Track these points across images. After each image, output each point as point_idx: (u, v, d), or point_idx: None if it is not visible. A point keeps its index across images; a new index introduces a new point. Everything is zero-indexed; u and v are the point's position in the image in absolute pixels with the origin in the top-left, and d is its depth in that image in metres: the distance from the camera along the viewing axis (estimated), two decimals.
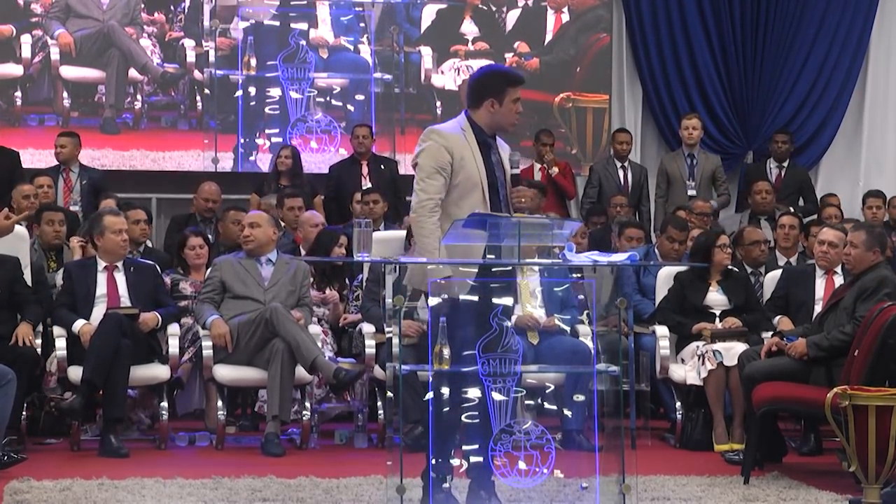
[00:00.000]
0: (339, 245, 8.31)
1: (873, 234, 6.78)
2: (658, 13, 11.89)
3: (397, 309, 5.22)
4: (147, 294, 7.48)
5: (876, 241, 6.72)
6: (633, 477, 5.24)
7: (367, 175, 10.40)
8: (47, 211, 8.51)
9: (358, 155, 10.59)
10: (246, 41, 11.34)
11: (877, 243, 6.71)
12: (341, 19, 11.58)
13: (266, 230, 7.71)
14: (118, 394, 7.06)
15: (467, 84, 5.57)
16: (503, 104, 5.36)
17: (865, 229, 6.86)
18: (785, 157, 11.15)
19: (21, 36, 11.19)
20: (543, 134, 10.98)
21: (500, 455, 5.26)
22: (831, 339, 6.58)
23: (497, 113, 5.38)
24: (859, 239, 6.72)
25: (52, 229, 8.35)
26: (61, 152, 10.04)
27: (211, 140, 11.30)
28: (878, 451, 5.49)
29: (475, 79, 5.49)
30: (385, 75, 11.55)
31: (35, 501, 5.62)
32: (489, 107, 5.38)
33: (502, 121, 5.40)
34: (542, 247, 5.70)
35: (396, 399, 5.42)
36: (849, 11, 12.03)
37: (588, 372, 6.72)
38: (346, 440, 7.67)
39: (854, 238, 6.75)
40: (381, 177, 10.41)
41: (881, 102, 12.18)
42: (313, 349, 7.20)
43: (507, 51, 11.80)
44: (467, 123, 5.42)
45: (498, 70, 5.85)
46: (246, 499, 5.76)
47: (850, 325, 6.53)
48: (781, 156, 11.13)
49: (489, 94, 5.37)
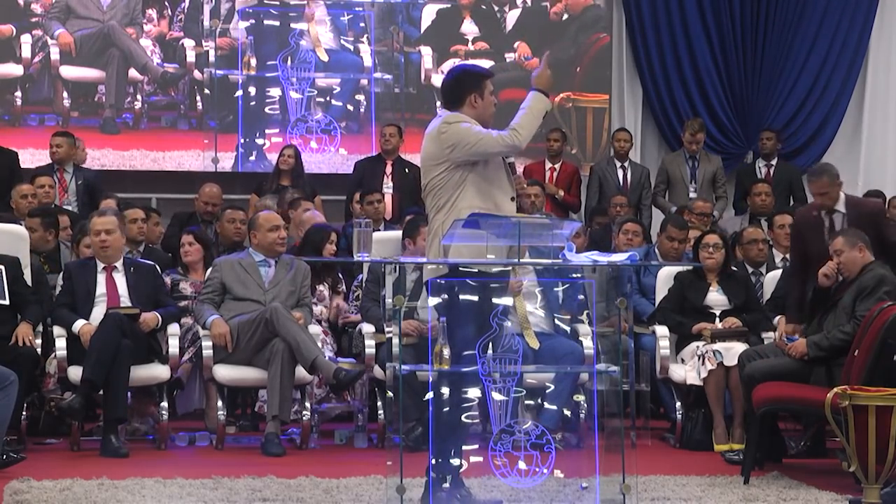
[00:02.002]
0: (331, 242, 8.30)
1: (848, 233, 6.77)
2: (658, 13, 11.90)
3: (397, 309, 5.23)
4: (147, 294, 7.48)
5: (854, 238, 6.70)
6: (633, 477, 5.24)
7: (391, 175, 10.35)
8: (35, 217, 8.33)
9: (384, 154, 10.57)
10: (246, 41, 11.35)
11: (857, 239, 6.69)
12: (341, 19, 11.59)
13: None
14: (118, 394, 7.05)
15: (443, 86, 5.65)
16: (484, 97, 5.49)
17: (840, 234, 6.85)
18: (773, 155, 11.14)
19: (21, 36, 11.20)
20: (554, 131, 11.01)
21: (500, 455, 5.27)
22: (831, 339, 6.58)
23: (480, 106, 5.48)
24: (840, 244, 6.73)
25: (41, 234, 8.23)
26: (57, 152, 9.95)
27: (211, 140, 11.31)
28: (878, 451, 5.49)
29: (452, 78, 5.59)
30: (385, 75, 11.56)
31: (35, 501, 5.62)
32: (472, 102, 5.48)
33: (485, 113, 5.50)
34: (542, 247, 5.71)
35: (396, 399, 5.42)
36: (849, 11, 12.04)
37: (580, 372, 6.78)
38: (346, 440, 7.67)
39: (835, 246, 6.75)
40: (403, 179, 10.36)
41: (881, 102, 12.19)
42: (313, 349, 7.20)
43: (508, 51, 11.80)
44: None
45: (470, 67, 5.92)
46: (246, 499, 5.76)
47: (849, 325, 6.53)
48: (769, 153, 11.13)
49: (470, 90, 5.48)
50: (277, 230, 7.72)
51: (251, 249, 7.77)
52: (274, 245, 7.70)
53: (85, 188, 9.92)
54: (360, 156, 10.96)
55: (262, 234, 7.73)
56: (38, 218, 8.30)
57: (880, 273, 6.62)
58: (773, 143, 11.15)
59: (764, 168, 11.11)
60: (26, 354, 7.04)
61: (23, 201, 8.96)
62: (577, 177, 11.11)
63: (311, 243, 8.29)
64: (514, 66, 11.73)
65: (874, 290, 6.56)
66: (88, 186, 9.93)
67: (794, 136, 11.93)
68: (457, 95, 5.50)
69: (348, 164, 11.08)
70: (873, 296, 6.54)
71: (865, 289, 6.61)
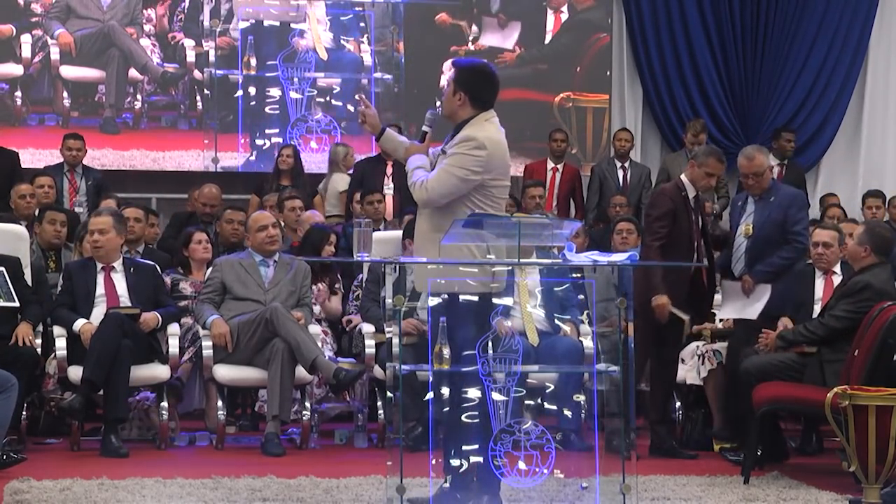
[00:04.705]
0: (329, 243, 8.30)
1: (871, 232, 6.75)
2: (658, 13, 11.91)
3: (397, 309, 5.23)
4: (147, 294, 7.47)
5: (869, 239, 6.69)
6: (633, 477, 5.24)
7: (392, 175, 10.33)
8: (50, 211, 8.48)
9: (385, 154, 10.57)
10: (246, 41, 11.35)
11: (869, 242, 6.68)
12: (341, 19, 11.59)
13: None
14: (118, 394, 7.05)
15: (477, 79, 5.50)
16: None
17: (866, 226, 6.89)
18: (788, 156, 11.15)
19: (21, 36, 11.21)
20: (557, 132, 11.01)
21: (500, 455, 5.26)
22: (796, 335, 6.72)
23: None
24: (856, 232, 6.77)
25: (52, 229, 8.32)
26: (77, 155, 10.10)
27: (211, 140, 11.32)
28: (878, 451, 5.49)
29: (491, 73, 5.52)
30: (385, 75, 11.55)
31: (35, 501, 5.61)
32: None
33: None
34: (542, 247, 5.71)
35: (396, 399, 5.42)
36: (849, 11, 12.05)
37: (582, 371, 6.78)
38: (346, 440, 7.68)
39: (853, 230, 6.82)
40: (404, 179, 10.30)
41: (881, 102, 12.20)
42: (313, 349, 7.20)
43: (508, 51, 11.79)
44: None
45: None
46: (246, 499, 5.76)
47: (816, 323, 6.67)
48: (787, 154, 11.12)
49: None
50: (265, 230, 7.72)
51: (251, 250, 7.77)
52: (263, 244, 7.70)
53: (94, 188, 9.98)
54: (360, 156, 10.96)
55: (252, 235, 7.78)
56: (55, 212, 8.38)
57: (866, 280, 6.59)
58: (792, 144, 11.16)
59: (777, 168, 11.11)
60: (26, 354, 7.04)
61: (21, 201, 8.96)
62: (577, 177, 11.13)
63: (310, 243, 8.30)
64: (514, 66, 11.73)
65: (854, 295, 6.57)
66: (97, 187, 10.01)
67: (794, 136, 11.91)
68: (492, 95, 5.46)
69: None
70: (852, 299, 6.55)
71: (847, 291, 6.63)
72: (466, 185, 5.27)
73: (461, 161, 5.25)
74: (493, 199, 5.35)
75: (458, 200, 5.30)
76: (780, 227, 7.25)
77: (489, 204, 5.32)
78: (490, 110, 5.41)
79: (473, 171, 5.25)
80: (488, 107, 5.41)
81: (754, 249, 7.26)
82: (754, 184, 7.29)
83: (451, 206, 5.31)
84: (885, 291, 6.51)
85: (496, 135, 5.37)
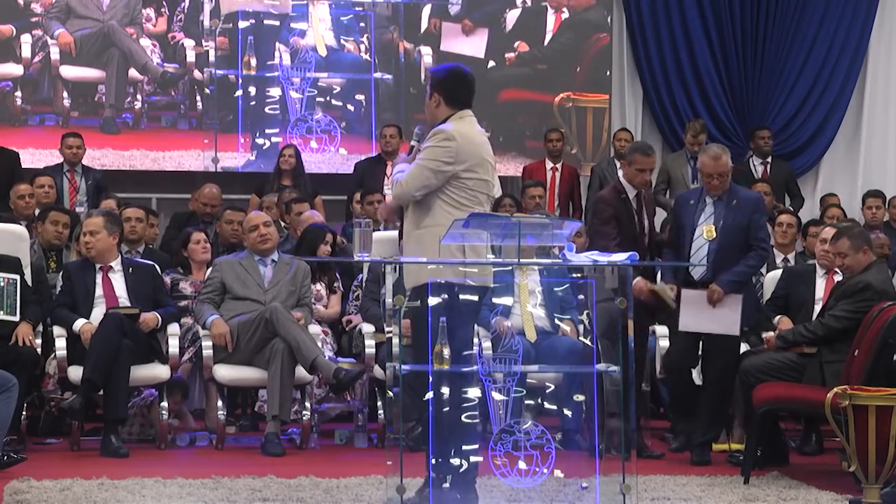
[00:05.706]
0: (326, 242, 8.30)
1: (853, 235, 6.76)
2: (658, 13, 11.90)
3: (397, 309, 5.23)
4: (146, 294, 7.48)
5: (859, 240, 6.70)
6: (633, 477, 5.24)
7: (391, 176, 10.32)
8: (54, 211, 8.43)
9: (385, 155, 10.57)
10: (246, 41, 11.34)
11: (862, 242, 6.69)
12: (341, 19, 11.58)
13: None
14: (118, 394, 7.05)
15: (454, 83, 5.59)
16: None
17: (846, 235, 6.79)
18: (769, 154, 11.15)
19: (21, 36, 11.18)
20: (552, 132, 11.01)
21: (500, 455, 5.27)
22: (795, 335, 6.72)
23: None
24: (845, 246, 6.71)
25: (55, 229, 8.28)
26: (77, 154, 10.11)
27: (211, 140, 11.30)
28: (878, 451, 5.48)
29: (468, 77, 5.59)
30: (385, 75, 11.55)
31: (35, 501, 5.62)
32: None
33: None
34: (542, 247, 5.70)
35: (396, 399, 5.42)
36: (849, 11, 12.04)
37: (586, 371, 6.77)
38: (346, 440, 7.68)
39: (840, 247, 6.73)
40: None
41: (881, 102, 12.19)
42: (313, 349, 7.20)
43: (508, 51, 11.79)
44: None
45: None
46: (246, 499, 5.76)
47: (816, 323, 6.67)
48: (766, 152, 11.13)
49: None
50: (256, 230, 7.73)
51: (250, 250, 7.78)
52: (256, 244, 7.71)
53: (94, 188, 9.99)
54: (360, 156, 10.95)
55: (246, 236, 7.82)
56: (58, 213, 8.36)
57: (866, 280, 6.60)
58: (769, 142, 11.17)
59: (760, 167, 11.11)
60: (26, 354, 7.04)
61: (20, 201, 8.95)
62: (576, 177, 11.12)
63: (306, 243, 8.30)
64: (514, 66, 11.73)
65: (854, 295, 6.57)
66: (97, 187, 10.01)
67: (794, 136, 11.92)
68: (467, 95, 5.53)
69: (348, 164, 11.08)
70: (852, 299, 6.55)
71: (847, 292, 6.63)
72: (438, 178, 5.34)
73: (432, 153, 5.35)
74: (469, 191, 5.37)
75: (432, 194, 5.36)
76: (744, 231, 6.99)
77: (466, 197, 5.36)
78: (467, 109, 5.50)
79: (444, 163, 5.32)
80: (465, 106, 5.49)
81: (720, 255, 6.96)
82: (719, 184, 7.01)
83: (426, 201, 5.38)
84: (885, 291, 6.52)
85: (466, 128, 5.44)
